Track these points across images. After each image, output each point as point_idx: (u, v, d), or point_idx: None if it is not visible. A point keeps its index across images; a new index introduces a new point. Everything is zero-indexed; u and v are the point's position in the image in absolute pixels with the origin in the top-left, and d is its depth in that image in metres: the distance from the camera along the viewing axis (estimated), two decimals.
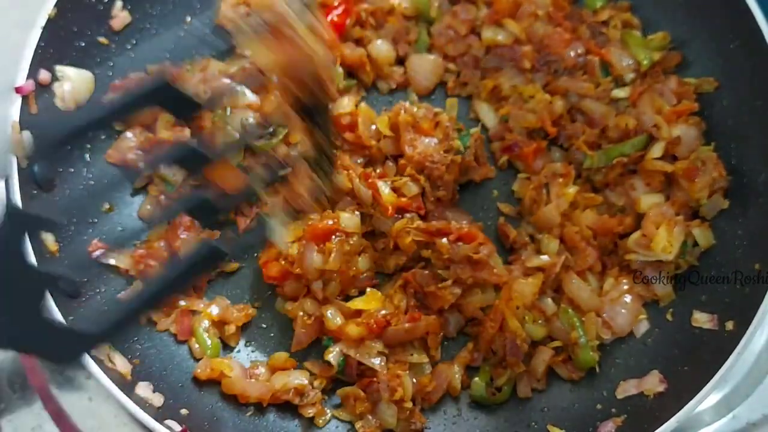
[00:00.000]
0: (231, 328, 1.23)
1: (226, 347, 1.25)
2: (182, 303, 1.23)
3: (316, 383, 1.20)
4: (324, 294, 1.20)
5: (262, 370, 1.21)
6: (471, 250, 1.18)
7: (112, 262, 1.21)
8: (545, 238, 1.26)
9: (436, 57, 1.38)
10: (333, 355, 1.19)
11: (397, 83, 1.40)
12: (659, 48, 1.34)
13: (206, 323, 1.22)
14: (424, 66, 1.38)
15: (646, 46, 1.33)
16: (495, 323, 1.19)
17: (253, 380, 1.19)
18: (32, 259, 0.97)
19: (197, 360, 1.21)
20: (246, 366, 1.22)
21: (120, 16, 1.32)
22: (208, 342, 1.21)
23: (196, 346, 1.22)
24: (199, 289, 1.25)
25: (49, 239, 1.15)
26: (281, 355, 1.21)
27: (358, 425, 1.17)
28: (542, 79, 1.31)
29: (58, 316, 1.05)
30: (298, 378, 1.18)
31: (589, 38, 1.33)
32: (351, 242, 1.19)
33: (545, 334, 1.22)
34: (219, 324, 1.23)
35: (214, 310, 1.23)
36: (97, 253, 1.21)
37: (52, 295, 1.06)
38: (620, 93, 1.31)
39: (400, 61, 1.41)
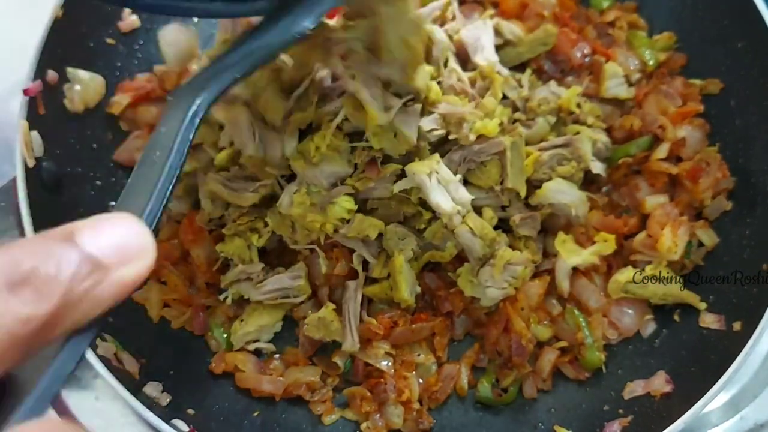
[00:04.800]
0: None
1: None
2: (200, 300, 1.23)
3: (329, 380, 1.20)
4: (329, 299, 1.20)
5: (276, 364, 1.21)
6: None
7: None
8: (551, 238, 1.26)
9: None
10: (339, 356, 1.19)
11: None
12: (665, 48, 1.34)
13: (222, 318, 1.23)
14: None
15: (651, 46, 1.33)
16: (500, 324, 1.20)
17: (267, 375, 1.19)
18: None
19: (213, 353, 1.22)
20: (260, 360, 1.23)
21: (129, 20, 1.32)
22: (225, 336, 1.22)
23: (213, 341, 1.23)
24: (213, 286, 1.25)
25: None
26: (294, 350, 1.22)
27: (363, 426, 1.18)
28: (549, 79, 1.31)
29: None
30: (311, 374, 1.19)
31: (596, 39, 1.33)
32: None
33: (551, 335, 1.22)
34: (235, 318, 1.23)
35: (229, 304, 1.23)
36: None
37: None
38: (626, 93, 1.31)
39: None
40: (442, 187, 1.10)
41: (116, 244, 0.52)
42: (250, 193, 1.15)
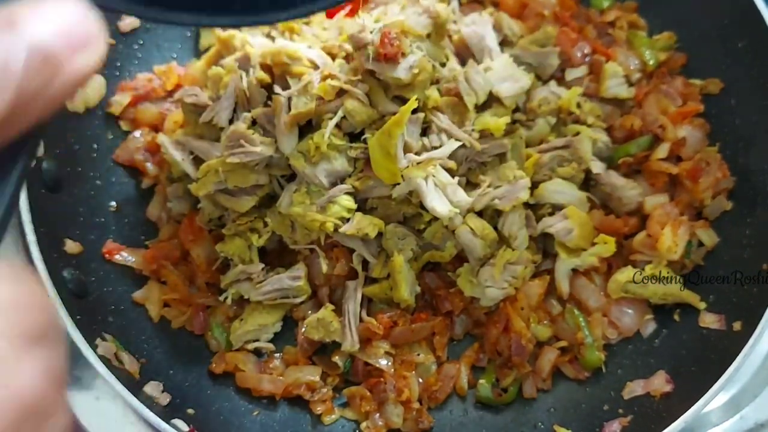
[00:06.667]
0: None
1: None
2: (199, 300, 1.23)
3: (329, 380, 1.20)
4: (329, 300, 1.21)
5: (276, 363, 1.21)
6: None
7: (124, 261, 1.22)
8: (551, 238, 1.25)
9: None
10: (339, 356, 1.19)
11: None
12: (665, 48, 1.34)
13: (222, 318, 1.23)
14: None
15: (651, 46, 1.33)
16: (500, 324, 1.20)
17: (266, 374, 1.19)
18: None
19: (213, 353, 1.22)
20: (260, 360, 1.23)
21: (129, 20, 1.32)
22: (225, 336, 1.22)
23: (213, 341, 1.22)
24: (213, 286, 1.25)
25: (69, 243, 1.15)
26: (294, 349, 1.22)
27: (363, 425, 1.18)
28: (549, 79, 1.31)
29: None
30: (311, 373, 1.19)
31: (596, 38, 1.33)
32: None
33: (551, 335, 1.22)
34: (235, 318, 1.23)
35: (229, 304, 1.23)
36: (118, 256, 1.21)
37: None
38: (626, 93, 1.31)
39: None
40: (439, 191, 1.10)
41: (63, 31, 0.45)
42: (248, 198, 1.15)
